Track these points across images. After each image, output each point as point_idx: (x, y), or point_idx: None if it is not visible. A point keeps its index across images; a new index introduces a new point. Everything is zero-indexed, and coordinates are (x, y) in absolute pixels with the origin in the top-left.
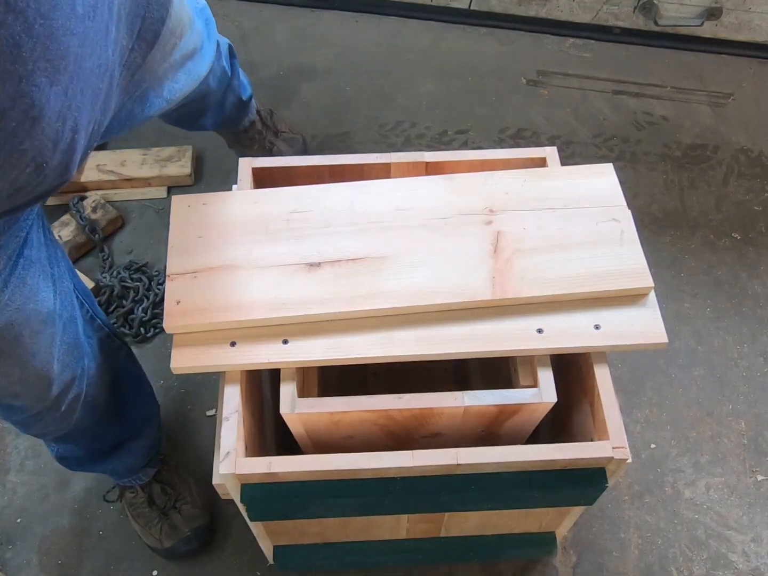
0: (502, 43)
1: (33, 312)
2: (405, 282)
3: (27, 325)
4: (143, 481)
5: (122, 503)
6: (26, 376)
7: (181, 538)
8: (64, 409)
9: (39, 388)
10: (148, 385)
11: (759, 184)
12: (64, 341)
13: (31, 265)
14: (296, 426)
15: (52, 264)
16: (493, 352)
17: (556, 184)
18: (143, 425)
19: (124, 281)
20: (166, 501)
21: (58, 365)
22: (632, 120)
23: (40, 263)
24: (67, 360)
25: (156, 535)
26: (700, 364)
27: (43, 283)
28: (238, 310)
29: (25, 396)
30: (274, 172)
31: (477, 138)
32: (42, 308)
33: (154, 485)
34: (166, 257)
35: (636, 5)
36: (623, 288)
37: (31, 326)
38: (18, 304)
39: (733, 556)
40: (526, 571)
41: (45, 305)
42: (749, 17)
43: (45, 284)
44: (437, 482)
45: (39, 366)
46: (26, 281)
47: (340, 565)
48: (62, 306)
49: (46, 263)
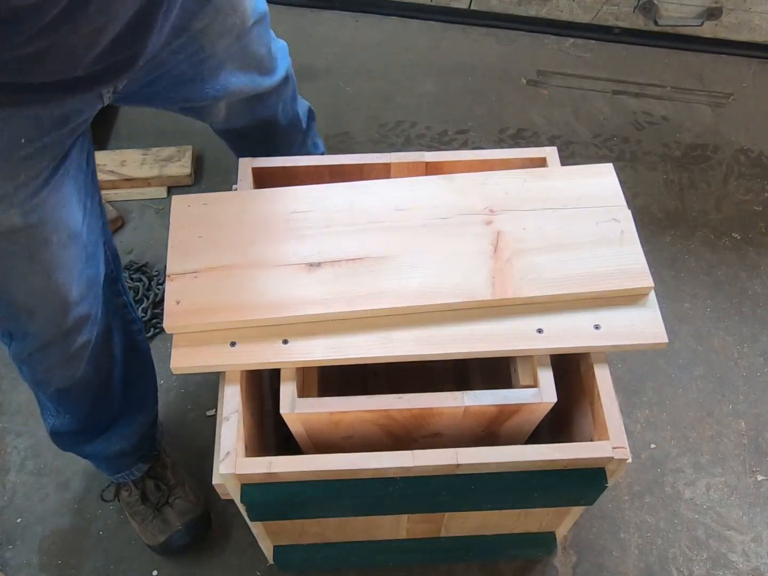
0: (502, 43)
1: (63, 221)
2: (405, 282)
3: (56, 231)
4: (136, 477)
5: (120, 503)
6: (46, 291)
7: (174, 532)
8: (73, 351)
9: (55, 308)
10: (151, 371)
11: (759, 184)
12: (86, 273)
13: (69, 179)
14: (296, 426)
15: (87, 195)
16: (493, 352)
17: (556, 184)
18: (139, 407)
19: None
20: (159, 497)
21: (77, 291)
22: (632, 120)
23: (77, 183)
24: (85, 292)
25: (152, 532)
26: (700, 364)
27: (76, 203)
28: (238, 310)
29: (40, 315)
30: (274, 172)
31: (477, 138)
32: (71, 222)
33: (147, 481)
34: (166, 257)
35: (636, 5)
36: (623, 288)
37: (59, 235)
38: (52, 205)
39: (733, 556)
40: (526, 571)
41: (74, 221)
42: (749, 17)
43: (77, 205)
44: (437, 482)
45: (60, 282)
46: (62, 190)
47: (340, 565)
48: (88, 238)
49: (81, 187)
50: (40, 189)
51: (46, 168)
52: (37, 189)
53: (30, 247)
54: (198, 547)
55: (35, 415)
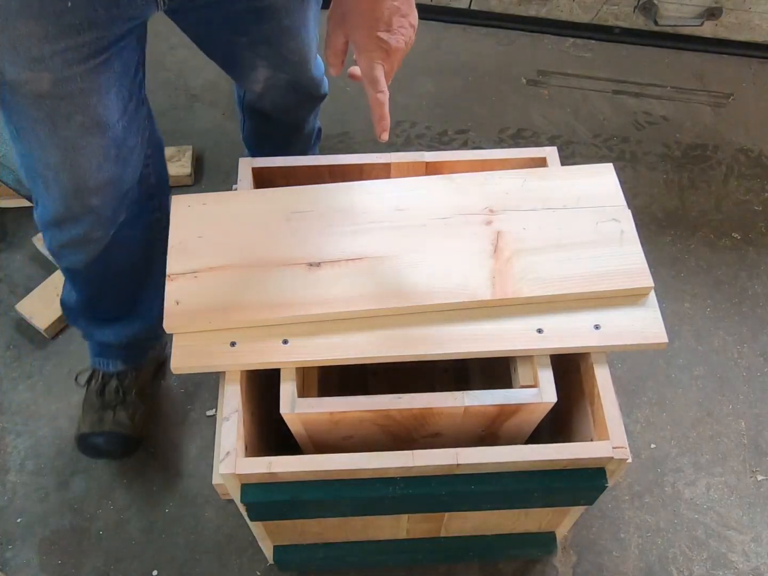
0: (502, 43)
1: (92, 107)
2: (405, 282)
3: (81, 113)
4: (109, 370)
5: (85, 389)
6: (61, 169)
7: (99, 433)
8: (82, 239)
9: (67, 190)
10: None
11: (759, 184)
12: (108, 169)
13: (110, 73)
14: (296, 426)
15: (130, 99)
16: (493, 352)
17: (556, 184)
18: (140, 314)
19: None
20: (112, 400)
21: (92, 182)
22: (632, 120)
23: (119, 82)
24: (102, 188)
25: (84, 422)
26: (700, 364)
27: (114, 99)
28: (238, 310)
29: (53, 191)
30: (274, 172)
31: (477, 138)
32: (101, 113)
33: (113, 380)
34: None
35: (636, 5)
36: (623, 288)
37: (85, 118)
38: (84, 86)
39: (733, 556)
40: (526, 571)
41: (105, 113)
42: (749, 17)
43: (115, 101)
44: (437, 482)
45: (75, 165)
46: (99, 78)
47: (340, 565)
48: (123, 139)
49: (124, 90)
50: (76, 64)
51: (87, 46)
52: (72, 62)
53: (53, 118)
54: (198, 548)
55: (35, 415)
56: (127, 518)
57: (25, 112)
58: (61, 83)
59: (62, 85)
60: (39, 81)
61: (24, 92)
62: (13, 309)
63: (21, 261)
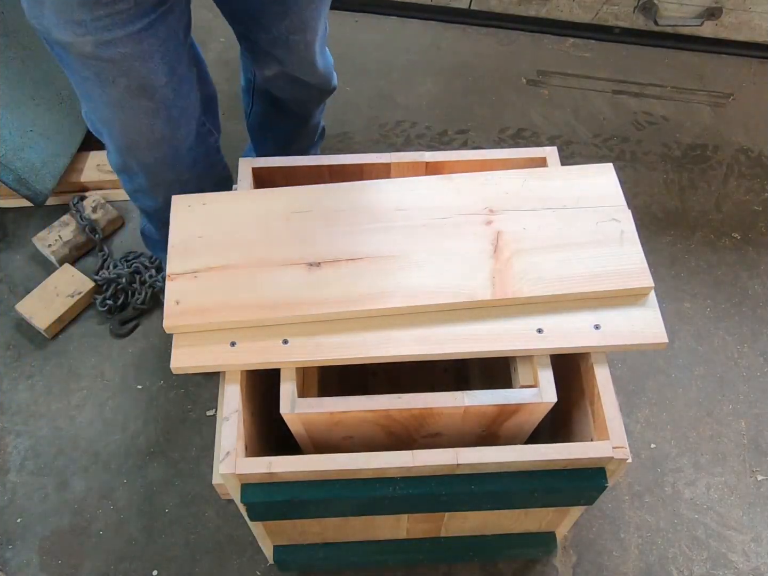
0: (502, 43)
1: (136, 71)
2: (405, 282)
3: (125, 77)
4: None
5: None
6: (112, 124)
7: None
8: (141, 190)
9: (119, 145)
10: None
11: (759, 184)
12: (158, 130)
13: (153, 38)
14: (296, 426)
15: (179, 62)
16: (493, 352)
17: (556, 184)
18: None
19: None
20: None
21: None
22: (632, 120)
23: (164, 46)
24: (154, 147)
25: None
26: (700, 364)
27: (160, 63)
28: (238, 310)
29: (112, 143)
30: (274, 172)
31: (477, 138)
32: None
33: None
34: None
35: (636, 5)
36: (623, 288)
37: (129, 82)
38: (126, 52)
39: (733, 556)
40: (526, 571)
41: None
42: (749, 17)
43: (161, 65)
44: (437, 482)
45: (125, 124)
46: (142, 43)
47: (340, 565)
48: (173, 100)
49: (171, 53)
50: (116, 28)
51: (126, 12)
52: (112, 27)
53: (100, 79)
54: (198, 548)
55: (35, 415)
56: (127, 518)
57: (77, 70)
58: (102, 47)
59: (104, 49)
60: (82, 44)
61: (73, 52)
62: (13, 309)
63: (21, 261)
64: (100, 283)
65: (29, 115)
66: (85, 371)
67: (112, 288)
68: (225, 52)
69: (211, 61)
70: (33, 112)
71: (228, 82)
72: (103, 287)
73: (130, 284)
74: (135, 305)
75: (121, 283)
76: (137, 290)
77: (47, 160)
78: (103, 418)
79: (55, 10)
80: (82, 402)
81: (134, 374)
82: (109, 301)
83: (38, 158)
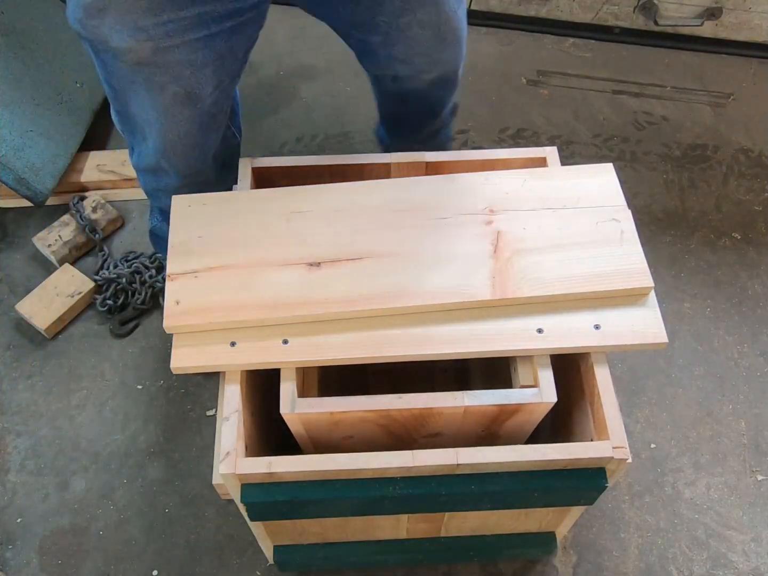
0: (502, 43)
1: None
2: (405, 282)
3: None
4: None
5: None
6: (154, 128)
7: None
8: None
9: (158, 147)
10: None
11: (759, 184)
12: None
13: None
14: (296, 426)
15: (227, 76)
16: (493, 352)
17: (556, 184)
18: None
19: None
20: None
21: (180, 148)
22: (632, 120)
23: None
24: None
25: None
26: (700, 364)
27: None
28: (238, 310)
29: (149, 144)
30: (274, 172)
31: (477, 138)
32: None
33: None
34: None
35: (636, 5)
36: (623, 288)
37: (177, 89)
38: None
39: (733, 556)
40: (526, 571)
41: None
42: (749, 17)
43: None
44: (437, 482)
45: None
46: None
47: (340, 565)
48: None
49: (224, 68)
50: (176, 35)
51: (188, 20)
52: (173, 33)
53: (148, 84)
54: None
55: (35, 415)
56: (127, 518)
57: (125, 77)
58: (160, 52)
59: (161, 55)
60: (141, 50)
61: (126, 59)
62: (13, 309)
63: (21, 261)
64: (100, 283)
65: (29, 115)
66: (85, 371)
67: (112, 288)
68: None
69: None
70: (33, 112)
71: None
72: (103, 287)
73: (130, 284)
74: (135, 305)
75: (121, 283)
76: (137, 290)
77: (47, 160)
78: (103, 418)
79: (119, 18)
80: (82, 402)
81: (134, 374)
82: (109, 301)
83: (38, 158)
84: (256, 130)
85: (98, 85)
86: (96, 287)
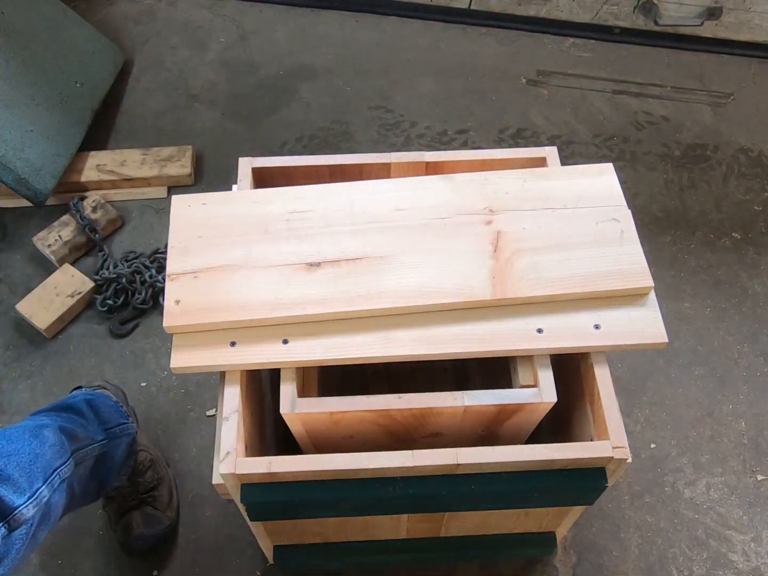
0: (502, 43)
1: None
2: (405, 282)
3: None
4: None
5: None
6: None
7: (135, 536)
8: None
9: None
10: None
11: (759, 184)
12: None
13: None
14: (296, 426)
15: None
16: (493, 352)
17: (556, 184)
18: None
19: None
20: (132, 499)
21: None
22: (632, 120)
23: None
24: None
25: (116, 531)
26: (700, 364)
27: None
28: (238, 310)
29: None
30: (274, 172)
31: (477, 138)
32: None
33: (125, 488)
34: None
35: (636, 5)
36: (623, 288)
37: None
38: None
39: (733, 556)
40: (526, 571)
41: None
42: (749, 17)
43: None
44: (437, 482)
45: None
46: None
47: (340, 565)
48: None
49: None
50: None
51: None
52: None
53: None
54: (198, 548)
55: None
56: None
57: None
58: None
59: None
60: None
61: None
62: (13, 309)
63: (21, 261)
64: (100, 283)
65: (29, 115)
66: (85, 371)
67: (112, 288)
68: (225, 52)
69: (211, 61)
70: (33, 112)
71: (228, 81)
72: (103, 287)
73: (130, 284)
74: (135, 305)
75: (121, 283)
76: (137, 290)
77: (47, 160)
78: None
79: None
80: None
81: (134, 374)
82: (109, 301)
83: (38, 158)
84: (256, 130)
85: (98, 85)
86: (96, 287)
